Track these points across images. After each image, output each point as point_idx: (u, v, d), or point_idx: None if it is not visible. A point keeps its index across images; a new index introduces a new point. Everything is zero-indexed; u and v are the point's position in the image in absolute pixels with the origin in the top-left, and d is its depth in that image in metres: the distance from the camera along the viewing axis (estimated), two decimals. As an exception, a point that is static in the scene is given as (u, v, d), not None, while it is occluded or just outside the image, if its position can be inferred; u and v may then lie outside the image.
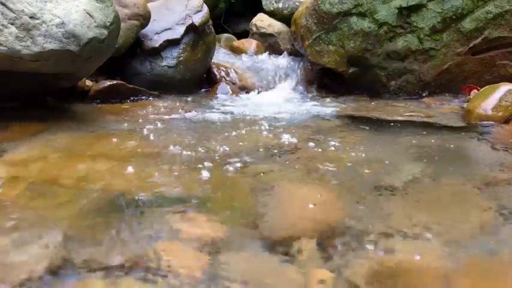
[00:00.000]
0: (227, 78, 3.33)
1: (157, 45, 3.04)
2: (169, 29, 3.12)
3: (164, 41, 3.06)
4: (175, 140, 1.87)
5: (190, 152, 1.70)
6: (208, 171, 1.48)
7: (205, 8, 3.29)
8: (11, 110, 2.21)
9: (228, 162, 1.58)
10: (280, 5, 4.33)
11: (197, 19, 3.19)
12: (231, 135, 1.98)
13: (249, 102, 2.98)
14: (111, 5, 2.12)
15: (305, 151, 1.77)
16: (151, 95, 2.82)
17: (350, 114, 2.56)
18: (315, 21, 3.14)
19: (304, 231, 1.09)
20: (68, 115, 2.30)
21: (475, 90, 2.80)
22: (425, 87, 3.09)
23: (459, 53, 2.98)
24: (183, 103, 2.78)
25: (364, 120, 2.45)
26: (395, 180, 1.44)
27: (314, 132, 2.11)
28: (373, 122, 2.39)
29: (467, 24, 2.91)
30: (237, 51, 4.04)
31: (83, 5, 1.99)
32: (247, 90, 3.29)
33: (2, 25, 1.81)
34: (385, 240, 1.05)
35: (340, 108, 2.74)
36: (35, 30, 1.85)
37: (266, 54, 3.89)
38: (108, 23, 2.07)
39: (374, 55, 3.09)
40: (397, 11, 2.98)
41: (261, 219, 1.16)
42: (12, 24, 1.82)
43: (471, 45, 2.95)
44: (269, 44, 4.18)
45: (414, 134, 2.08)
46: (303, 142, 1.89)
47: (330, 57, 3.16)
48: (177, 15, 3.20)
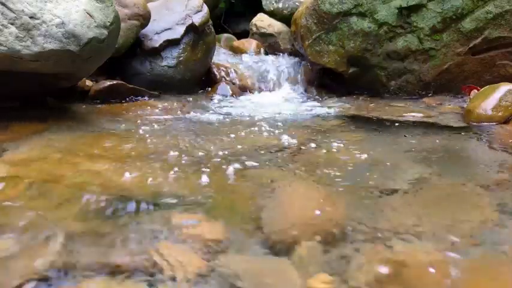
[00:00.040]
0: (227, 78, 3.33)
1: (157, 45, 3.04)
2: (169, 29, 3.12)
3: (164, 41, 3.06)
4: (175, 141, 1.87)
5: (190, 153, 1.70)
6: (208, 171, 1.48)
7: (205, 8, 3.29)
8: (11, 110, 2.21)
9: (228, 163, 1.58)
10: (280, 5, 4.33)
11: (197, 19, 3.19)
12: (231, 135, 1.98)
13: (249, 102, 2.98)
14: (111, 5, 2.12)
15: (305, 152, 1.78)
16: (151, 95, 2.82)
17: (350, 114, 2.56)
18: (315, 21, 3.14)
19: (305, 232, 1.09)
20: (68, 115, 2.30)
21: (475, 90, 2.80)
22: (425, 87, 3.09)
23: (459, 53, 2.98)
24: (183, 103, 2.78)
25: (364, 120, 2.45)
26: (395, 180, 1.44)
27: (314, 132, 2.11)
28: (373, 122, 2.39)
29: (467, 24, 2.91)
30: (237, 51, 4.04)
31: (83, 5, 1.99)
32: (247, 90, 3.29)
33: (2, 25, 1.81)
34: (386, 240, 1.04)
35: (340, 108, 2.74)
36: (35, 30, 1.85)
37: (264, 53, 3.90)
38: (108, 23, 2.07)
39: (374, 55, 3.09)
40: (397, 11, 2.98)
41: (262, 220, 1.15)
42: (12, 24, 1.82)
43: (471, 45, 2.95)
44: (269, 44, 4.18)
45: (414, 134, 2.08)
46: (303, 142, 1.89)
47: (330, 57, 3.16)
48: (177, 15, 3.20)
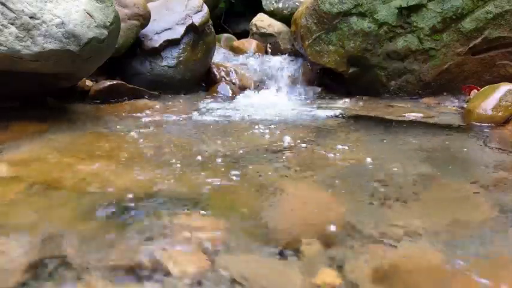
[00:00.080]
0: (227, 78, 3.33)
1: (157, 45, 3.04)
2: (169, 29, 3.12)
3: (164, 41, 3.06)
4: (175, 141, 1.87)
5: (190, 153, 1.70)
6: (208, 171, 1.48)
7: (205, 8, 3.29)
8: (11, 110, 2.21)
9: (228, 163, 1.58)
10: (280, 5, 4.33)
11: (197, 19, 3.19)
12: (231, 136, 1.98)
13: (249, 102, 2.97)
14: (111, 5, 2.12)
15: (305, 151, 1.78)
16: (151, 95, 2.82)
17: (350, 114, 2.56)
18: (315, 21, 3.14)
19: (306, 232, 1.09)
20: (68, 115, 2.30)
21: (475, 90, 2.80)
22: (425, 87, 3.09)
23: (459, 53, 2.98)
24: (183, 103, 2.78)
25: (364, 120, 2.45)
26: (395, 180, 1.45)
27: (314, 132, 2.11)
28: (373, 122, 2.40)
29: (467, 24, 2.91)
30: (237, 51, 4.04)
31: (83, 5, 1.99)
32: (247, 90, 3.29)
33: (2, 25, 1.81)
34: (386, 240, 1.05)
35: (340, 108, 2.74)
36: (35, 30, 1.85)
37: (263, 53, 3.91)
38: (108, 23, 2.07)
39: (374, 55, 3.09)
40: (397, 11, 2.98)
41: (262, 220, 1.15)
42: (12, 24, 1.82)
43: (471, 45, 2.95)
44: (269, 44, 4.18)
45: (414, 134, 2.08)
46: (303, 142, 1.89)
47: (330, 57, 3.16)
48: (177, 15, 3.20)
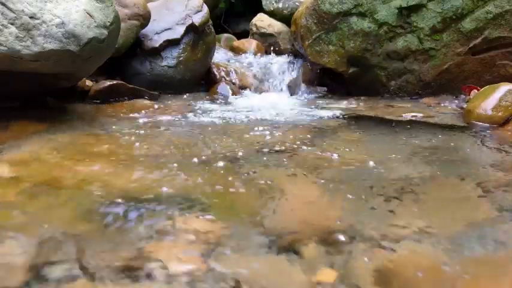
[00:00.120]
0: (227, 78, 3.33)
1: (157, 45, 3.04)
2: (169, 29, 3.12)
3: (164, 41, 3.06)
4: (174, 141, 1.87)
5: (189, 153, 1.70)
6: (208, 172, 1.48)
7: (205, 8, 3.29)
8: (11, 110, 2.21)
9: (228, 163, 1.58)
10: (280, 5, 4.33)
11: (197, 19, 3.19)
12: (231, 136, 1.98)
13: (249, 102, 2.98)
14: (111, 5, 2.12)
15: (305, 152, 1.78)
16: (151, 95, 2.82)
17: (350, 114, 2.56)
18: (315, 21, 3.14)
19: (305, 232, 1.09)
20: (68, 115, 2.30)
21: (475, 90, 2.80)
22: (425, 87, 3.09)
23: (459, 53, 2.98)
24: (183, 103, 2.78)
25: (364, 120, 2.45)
26: (395, 180, 1.44)
27: (314, 132, 2.11)
28: (373, 122, 2.40)
29: (467, 24, 2.91)
30: (237, 51, 4.04)
31: (83, 5, 1.99)
32: (247, 90, 3.29)
33: (2, 25, 1.81)
34: (387, 240, 1.04)
35: (340, 108, 2.74)
36: (35, 30, 1.85)
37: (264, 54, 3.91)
38: (108, 23, 2.07)
39: (374, 55, 3.09)
40: (397, 11, 2.98)
41: (262, 220, 1.15)
42: (12, 24, 1.82)
43: (471, 45, 2.95)
44: (269, 44, 4.18)
45: (414, 134, 2.08)
46: (303, 143, 1.89)
47: (330, 57, 3.16)
48: (177, 15, 3.20)
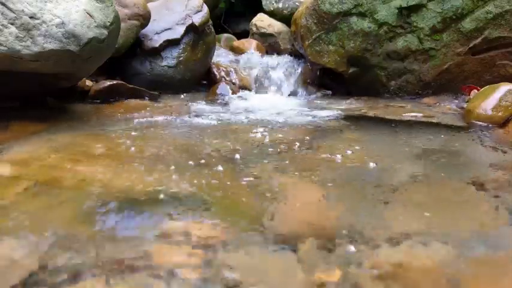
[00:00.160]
0: (227, 78, 3.34)
1: (157, 45, 3.04)
2: (169, 29, 3.12)
3: (164, 41, 3.06)
4: (174, 141, 1.87)
5: (189, 153, 1.70)
6: (208, 172, 1.48)
7: (205, 8, 3.29)
8: (11, 110, 2.21)
9: (228, 163, 1.58)
10: (280, 5, 4.33)
11: (197, 19, 3.19)
12: (230, 136, 1.98)
13: (249, 102, 2.98)
14: (111, 5, 2.12)
15: (305, 152, 1.78)
16: (151, 95, 2.82)
17: (350, 114, 2.56)
18: (315, 21, 3.14)
19: (305, 232, 1.09)
20: (68, 115, 2.30)
21: (475, 90, 2.81)
22: (425, 87, 3.09)
23: (459, 53, 2.98)
24: (183, 103, 2.78)
25: (364, 120, 2.45)
26: (395, 180, 1.45)
27: (314, 132, 2.11)
28: (373, 122, 2.40)
29: (467, 24, 2.91)
30: (237, 51, 4.04)
31: (83, 5, 1.99)
32: (247, 90, 3.29)
33: (2, 25, 1.81)
34: (386, 240, 1.05)
35: (340, 108, 2.74)
36: (35, 30, 1.85)
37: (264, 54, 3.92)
38: (108, 23, 2.07)
39: (374, 55, 3.09)
40: (397, 11, 2.98)
41: (262, 219, 1.15)
42: (12, 24, 1.82)
43: (471, 45, 2.95)
44: (269, 44, 4.18)
45: (414, 134, 2.08)
46: (303, 143, 1.89)
47: (330, 57, 3.16)
48: (177, 15, 3.20)
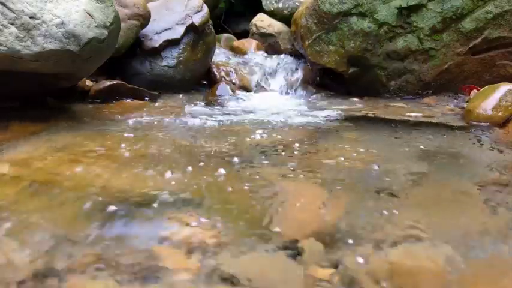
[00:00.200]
0: (227, 78, 3.34)
1: (157, 45, 3.04)
2: (169, 29, 3.12)
3: (164, 41, 3.06)
4: (174, 141, 1.87)
5: (189, 153, 1.70)
6: (208, 172, 1.48)
7: (205, 8, 3.29)
8: (11, 110, 2.21)
9: (228, 163, 1.58)
10: (280, 5, 4.34)
11: (197, 19, 3.19)
12: (230, 136, 1.98)
13: (248, 102, 2.98)
14: (111, 5, 2.12)
15: (305, 152, 1.78)
16: (151, 95, 2.82)
17: (350, 114, 2.56)
18: (315, 21, 3.14)
19: (305, 231, 1.09)
20: (68, 115, 2.30)
21: (475, 90, 2.81)
22: (425, 87, 3.09)
23: (459, 53, 2.98)
24: (183, 103, 2.78)
25: (364, 120, 2.45)
26: (396, 180, 1.44)
27: (314, 133, 2.11)
28: (373, 122, 2.40)
29: (467, 24, 2.91)
30: (237, 51, 4.04)
31: (83, 5, 1.99)
32: (247, 90, 3.29)
33: (2, 25, 1.81)
34: (386, 240, 1.05)
35: (340, 108, 2.74)
36: (35, 30, 1.85)
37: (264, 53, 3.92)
38: (108, 23, 2.07)
39: (374, 55, 3.09)
40: (397, 11, 2.98)
41: (262, 220, 1.15)
42: (12, 24, 1.82)
43: (471, 45, 2.95)
44: (269, 44, 4.18)
45: (414, 134, 2.08)
46: (303, 143, 1.89)
47: (330, 57, 3.16)
48: (177, 15, 3.20)
